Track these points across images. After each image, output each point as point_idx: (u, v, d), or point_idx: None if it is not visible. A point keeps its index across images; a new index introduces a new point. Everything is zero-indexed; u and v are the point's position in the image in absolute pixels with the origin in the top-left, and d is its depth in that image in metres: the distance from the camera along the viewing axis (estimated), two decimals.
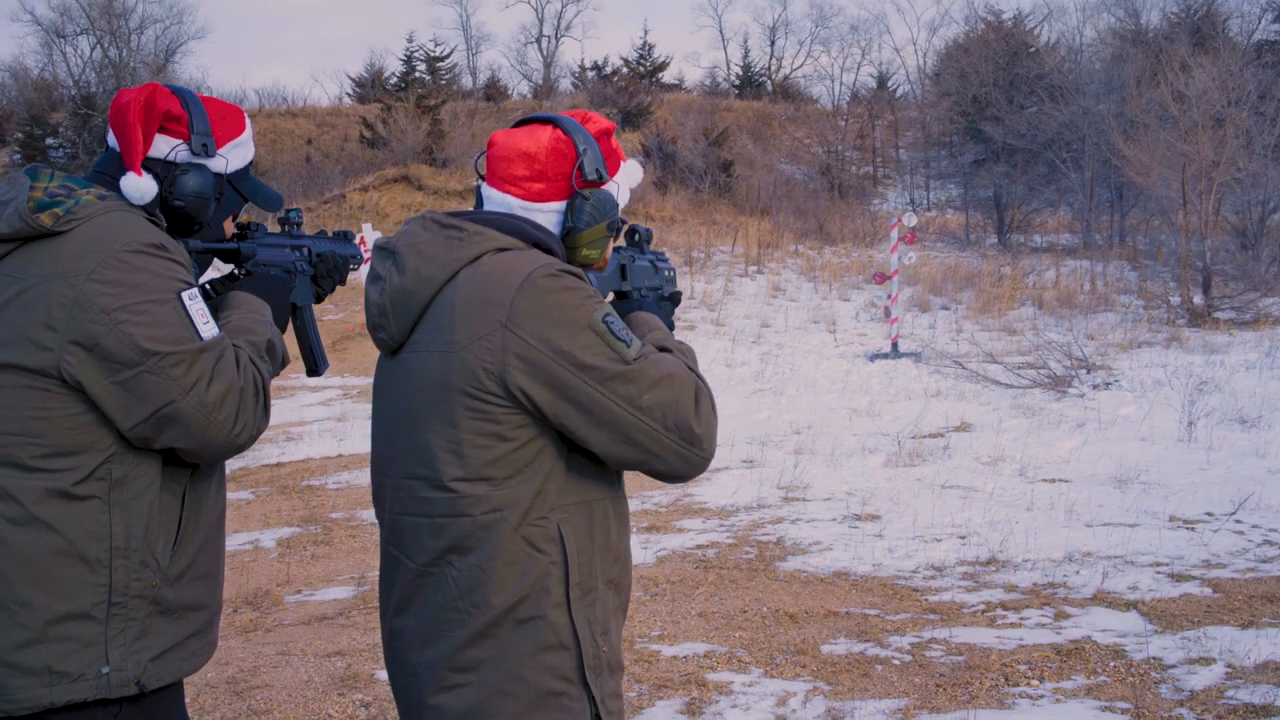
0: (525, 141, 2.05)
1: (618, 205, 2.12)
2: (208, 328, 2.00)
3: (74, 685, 1.93)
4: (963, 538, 6.80)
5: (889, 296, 15.37)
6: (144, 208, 2.08)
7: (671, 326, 2.40)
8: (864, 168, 41.47)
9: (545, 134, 2.06)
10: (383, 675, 4.91)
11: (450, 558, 1.92)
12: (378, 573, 5.89)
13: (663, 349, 2.07)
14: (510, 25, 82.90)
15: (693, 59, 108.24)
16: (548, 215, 2.06)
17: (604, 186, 2.09)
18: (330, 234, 2.62)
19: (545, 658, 1.91)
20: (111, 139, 2.14)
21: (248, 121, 2.32)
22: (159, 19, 44.07)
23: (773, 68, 55.02)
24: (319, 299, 2.57)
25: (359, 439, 10.82)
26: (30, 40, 62.08)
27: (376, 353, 2.17)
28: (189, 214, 2.16)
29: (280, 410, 12.35)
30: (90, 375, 1.91)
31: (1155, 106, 22.15)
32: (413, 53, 47.46)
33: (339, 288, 2.62)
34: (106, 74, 41.72)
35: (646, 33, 73.68)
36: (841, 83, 50.32)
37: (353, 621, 5.74)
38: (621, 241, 2.48)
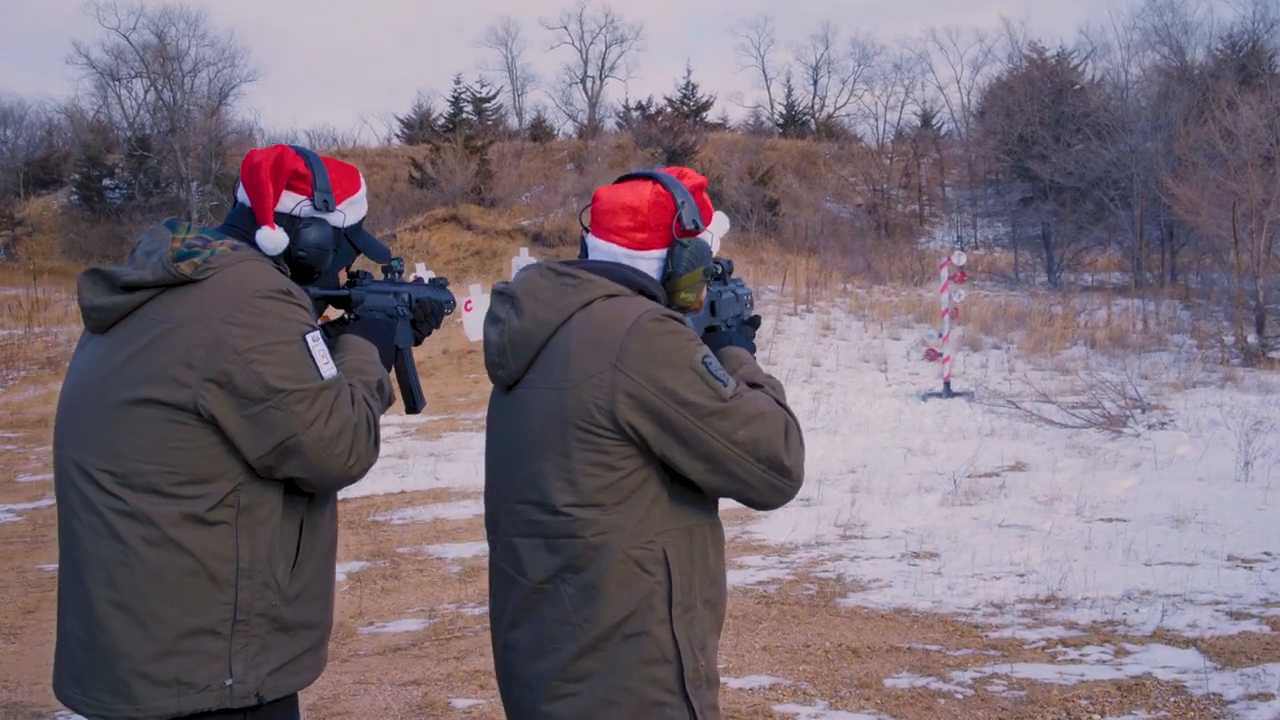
0: (628, 195, 2.26)
1: (711, 252, 2.32)
2: (328, 368, 2.19)
3: (200, 695, 2.11)
4: (1021, 576, 6.89)
5: (940, 336, 15.45)
6: (272, 258, 2.29)
7: (753, 349, 2.59)
8: (910, 206, 41.56)
9: (647, 189, 2.27)
10: (460, 704, 5.08)
11: (565, 575, 2.10)
12: (451, 605, 6.10)
13: (754, 385, 2.26)
14: (555, 66, 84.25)
15: (736, 98, 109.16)
16: (650, 262, 2.27)
17: (699, 235, 2.29)
18: (427, 281, 2.81)
19: (650, 670, 2.09)
20: (242, 195, 2.35)
21: (362, 181, 2.52)
22: (211, 62, 44.76)
23: (816, 106, 55.26)
24: (418, 341, 2.76)
25: (420, 475, 11.05)
26: (86, 83, 63.38)
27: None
28: (310, 264, 2.37)
29: None
30: (223, 410, 2.09)
31: (1203, 144, 22.14)
32: (460, 94, 48.07)
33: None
34: (161, 116, 42.61)
35: (690, 72, 74.04)
36: (885, 121, 50.37)
37: (426, 652, 5.92)
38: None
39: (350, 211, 2.47)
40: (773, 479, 2.12)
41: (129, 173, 39.27)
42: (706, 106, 52.34)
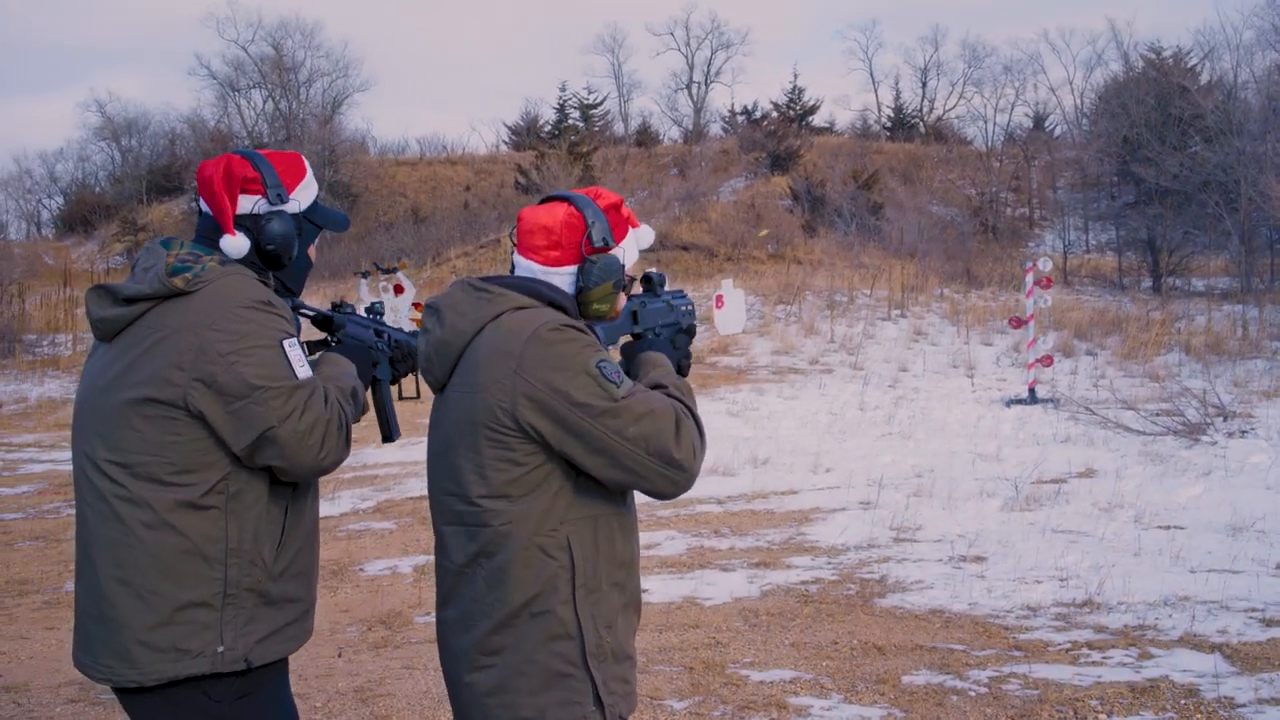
0: (544, 217, 2.51)
1: (623, 267, 2.54)
2: (303, 370, 2.50)
3: (195, 661, 2.42)
4: (1063, 580, 6.96)
5: (1027, 343, 15.36)
6: (244, 259, 2.59)
7: (688, 356, 2.82)
8: (1019, 209, 40.96)
9: (561, 210, 2.51)
10: None
11: (480, 560, 2.37)
12: None
13: (658, 385, 2.50)
14: (661, 72, 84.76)
15: (843, 102, 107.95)
16: (563, 278, 2.51)
17: (610, 252, 2.52)
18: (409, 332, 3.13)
19: (554, 645, 2.34)
20: (204, 205, 2.63)
21: (306, 164, 2.78)
22: (326, 72, 46.28)
23: (925, 109, 54.74)
24: (394, 380, 3.07)
25: None
26: (207, 94, 65.88)
27: None
28: (279, 253, 2.64)
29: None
30: (209, 406, 2.40)
31: None
32: (566, 101, 48.79)
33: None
34: (278, 125, 44.12)
35: (796, 76, 74.28)
36: (995, 123, 49.64)
37: None
38: (639, 289, 2.89)
39: (303, 196, 2.72)
40: (665, 470, 2.33)
41: None
42: (813, 110, 52.25)
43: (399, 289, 11.75)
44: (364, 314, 3.04)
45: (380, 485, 11.14)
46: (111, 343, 2.51)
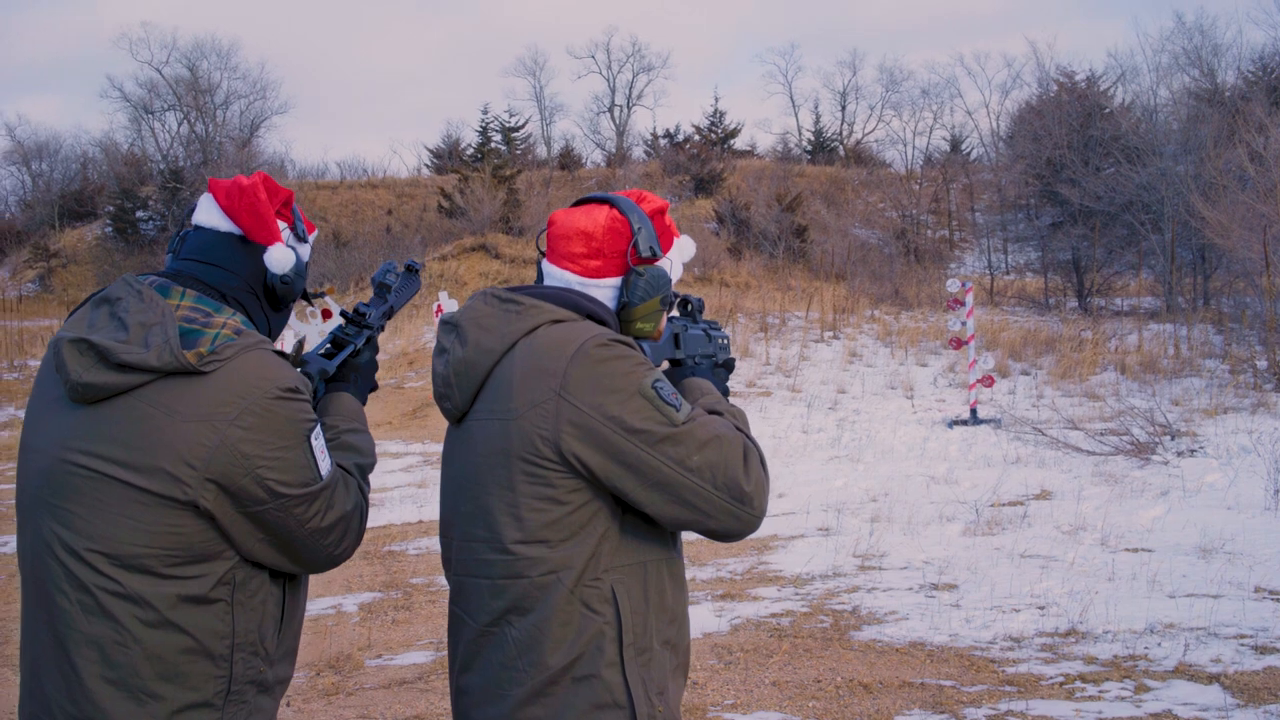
0: (583, 221, 2.17)
1: (670, 280, 2.22)
2: (325, 464, 2.12)
3: None
4: (1042, 608, 6.74)
5: (967, 362, 15.28)
6: (239, 287, 2.21)
7: (726, 393, 2.47)
8: (939, 231, 41.38)
9: (602, 214, 2.18)
10: None
11: (510, 618, 2.01)
12: None
13: (713, 412, 2.15)
14: (583, 95, 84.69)
15: (764, 125, 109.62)
16: (604, 291, 2.17)
17: (657, 263, 2.20)
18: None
19: (600, 716, 1.98)
20: (213, 220, 2.23)
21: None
22: (243, 94, 45.38)
23: (844, 133, 55.27)
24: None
25: (438, 506, 10.96)
26: (120, 116, 64.22)
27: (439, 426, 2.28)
28: (286, 293, 2.27)
29: None
30: (222, 508, 2.01)
31: (1234, 167, 21.88)
32: (488, 124, 48.43)
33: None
34: (194, 148, 43.20)
35: (717, 100, 74.55)
36: (914, 146, 50.36)
37: (431, 686, 5.83)
38: (675, 312, 2.56)
39: (309, 249, 2.40)
40: (732, 506, 2.00)
41: (162, 205, 39.76)
42: (734, 134, 52.52)
43: (326, 314, 11.30)
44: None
45: None
46: (90, 407, 2.05)
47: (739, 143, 52.76)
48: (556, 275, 2.19)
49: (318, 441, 2.11)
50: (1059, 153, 29.05)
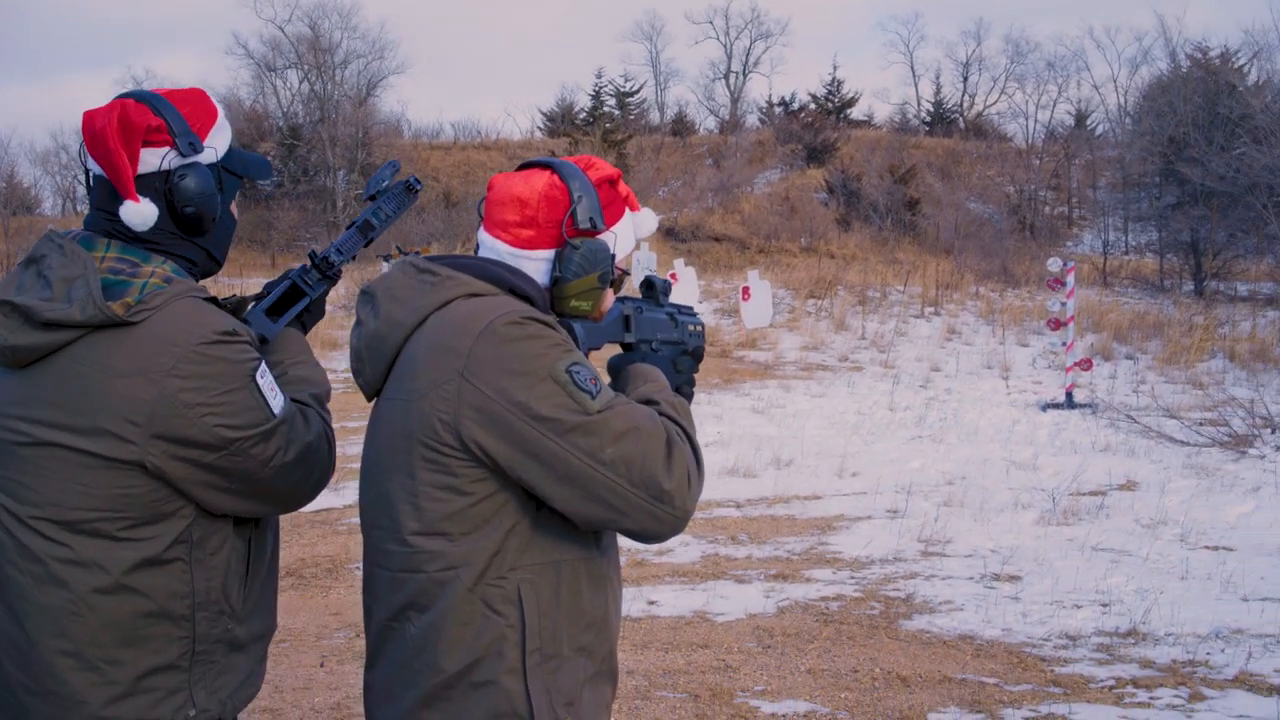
0: (520, 186, 2.01)
1: (612, 256, 2.04)
2: (277, 401, 2.03)
3: None
4: (1105, 605, 6.45)
5: (1064, 345, 14.78)
6: (155, 228, 2.06)
7: (691, 383, 2.28)
8: (1058, 208, 40.20)
9: (541, 179, 2.01)
10: None
11: (409, 614, 1.89)
12: None
13: (648, 401, 1.99)
14: (699, 61, 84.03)
15: (882, 95, 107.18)
16: (535, 264, 2.01)
17: (598, 236, 2.03)
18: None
19: None
20: (93, 166, 2.07)
21: (215, 101, 2.21)
22: (362, 54, 45.75)
23: (965, 104, 53.90)
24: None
25: None
26: (243, 73, 65.72)
27: None
28: (200, 215, 2.09)
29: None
30: (173, 464, 1.93)
31: None
32: (602, 88, 48.38)
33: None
34: (313, 106, 43.76)
35: (835, 69, 73.12)
36: (1037, 120, 48.78)
37: None
38: (638, 293, 2.39)
39: (218, 141, 2.17)
40: (650, 505, 1.82)
41: (280, 160, 40.42)
42: (851, 103, 51.64)
43: None
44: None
45: None
46: (21, 370, 1.97)
47: (855, 112, 51.86)
48: (489, 245, 2.03)
49: (264, 380, 2.00)
50: (1183, 130, 27.92)
